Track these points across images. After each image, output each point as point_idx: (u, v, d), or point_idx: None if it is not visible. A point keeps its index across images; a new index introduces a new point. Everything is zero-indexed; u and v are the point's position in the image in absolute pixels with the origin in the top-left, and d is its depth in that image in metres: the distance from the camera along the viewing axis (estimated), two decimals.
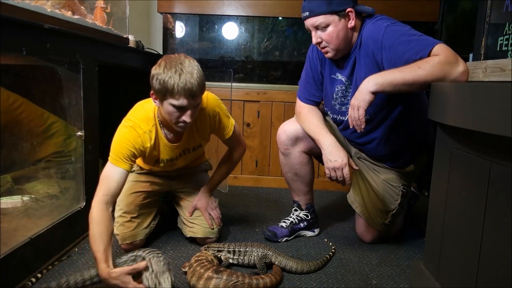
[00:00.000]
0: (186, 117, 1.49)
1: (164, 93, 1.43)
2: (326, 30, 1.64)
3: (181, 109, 1.46)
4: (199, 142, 1.78)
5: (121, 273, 1.30)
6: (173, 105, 1.45)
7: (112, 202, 1.49)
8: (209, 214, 1.83)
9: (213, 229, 1.81)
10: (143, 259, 1.36)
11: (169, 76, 1.40)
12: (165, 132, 1.66)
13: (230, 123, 1.79)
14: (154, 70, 1.45)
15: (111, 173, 1.51)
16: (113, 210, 1.52)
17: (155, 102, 1.52)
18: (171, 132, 1.66)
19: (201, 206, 1.84)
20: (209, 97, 1.71)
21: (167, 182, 1.93)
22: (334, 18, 1.62)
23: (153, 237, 1.86)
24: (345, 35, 1.65)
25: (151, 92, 1.50)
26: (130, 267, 1.33)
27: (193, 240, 1.85)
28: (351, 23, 1.64)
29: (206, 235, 1.81)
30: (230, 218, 2.19)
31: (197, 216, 1.84)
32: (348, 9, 1.62)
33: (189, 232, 1.83)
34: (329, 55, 1.71)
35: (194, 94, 1.43)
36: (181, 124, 1.52)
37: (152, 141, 1.62)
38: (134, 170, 1.97)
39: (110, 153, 1.54)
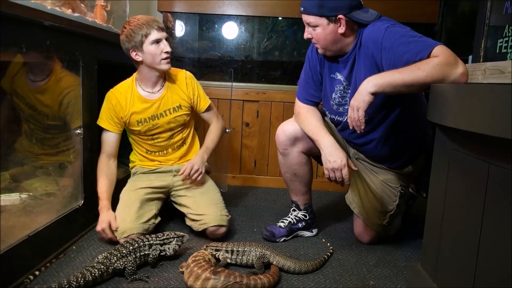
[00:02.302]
0: (165, 47, 1.81)
1: (140, 39, 1.78)
2: (315, 30, 1.66)
3: (158, 42, 1.80)
4: (178, 102, 1.96)
5: (108, 214, 1.75)
6: (152, 42, 1.78)
7: (111, 156, 1.91)
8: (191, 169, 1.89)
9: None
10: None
11: (137, 27, 1.78)
12: (141, 87, 1.92)
13: (206, 99, 2.06)
14: (123, 35, 1.81)
15: (103, 136, 1.91)
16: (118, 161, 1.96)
17: (137, 58, 1.83)
18: (147, 87, 1.92)
19: (190, 161, 1.93)
20: (186, 71, 2.04)
21: (168, 179, 1.99)
22: (323, 21, 1.63)
23: None
24: (333, 38, 1.65)
25: (131, 51, 1.81)
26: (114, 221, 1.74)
27: (202, 235, 1.86)
28: (341, 29, 1.63)
29: (218, 223, 1.81)
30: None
31: (205, 207, 1.86)
32: (339, 16, 1.61)
33: (200, 225, 1.83)
34: (320, 51, 1.75)
35: (162, 27, 1.82)
36: (164, 57, 1.82)
37: (128, 100, 1.90)
38: (136, 172, 2.01)
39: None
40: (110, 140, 1.90)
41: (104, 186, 1.83)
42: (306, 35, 1.71)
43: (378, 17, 1.65)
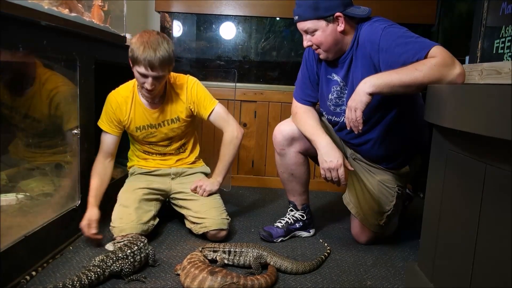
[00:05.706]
0: (147, 84, 1.74)
1: (133, 61, 1.74)
2: (315, 35, 1.65)
3: (143, 76, 1.73)
4: (176, 114, 1.93)
5: (89, 211, 1.73)
6: (137, 72, 1.73)
7: (109, 156, 1.91)
8: (200, 187, 1.92)
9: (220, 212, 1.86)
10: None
11: (137, 47, 1.70)
12: (141, 94, 1.89)
13: (212, 102, 1.97)
14: (131, 41, 1.76)
15: (102, 137, 1.92)
16: (114, 160, 1.96)
17: (132, 68, 1.79)
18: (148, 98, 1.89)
19: (204, 184, 1.93)
20: (190, 77, 1.98)
21: (167, 182, 1.99)
22: (322, 23, 1.62)
23: (149, 237, 1.85)
24: (334, 39, 1.65)
25: (129, 59, 1.77)
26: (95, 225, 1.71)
27: (200, 236, 1.86)
28: (341, 27, 1.63)
29: (219, 227, 1.81)
30: None
31: (205, 210, 1.85)
32: (337, 14, 1.62)
33: (200, 228, 1.83)
34: (322, 56, 1.73)
35: (152, 66, 1.69)
36: (144, 90, 1.79)
37: (129, 105, 1.89)
38: (134, 172, 2.00)
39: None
40: (109, 141, 1.91)
41: (93, 184, 1.82)
42: (306, 43, 1.69)
43: (370, 13, 1.66)
